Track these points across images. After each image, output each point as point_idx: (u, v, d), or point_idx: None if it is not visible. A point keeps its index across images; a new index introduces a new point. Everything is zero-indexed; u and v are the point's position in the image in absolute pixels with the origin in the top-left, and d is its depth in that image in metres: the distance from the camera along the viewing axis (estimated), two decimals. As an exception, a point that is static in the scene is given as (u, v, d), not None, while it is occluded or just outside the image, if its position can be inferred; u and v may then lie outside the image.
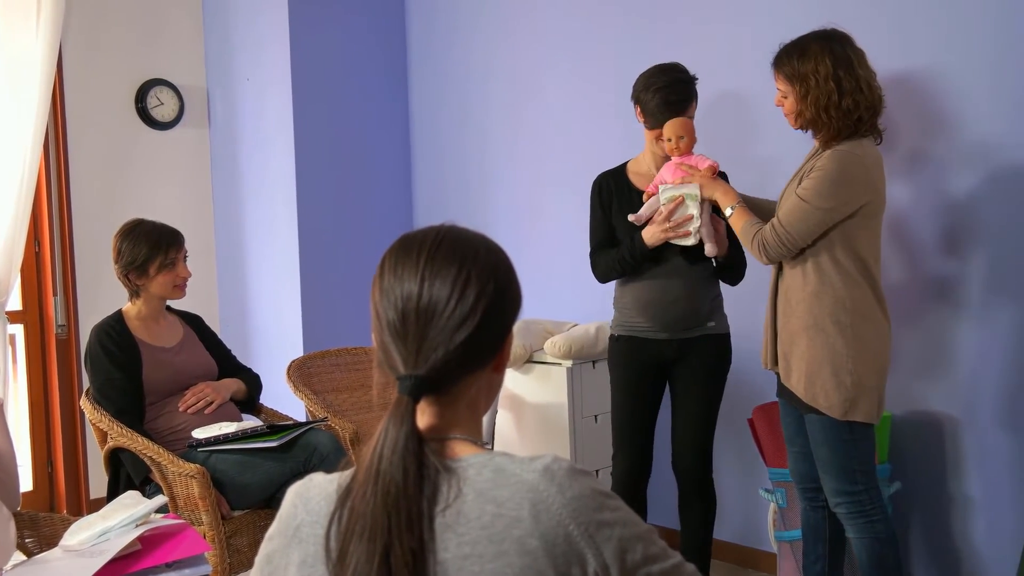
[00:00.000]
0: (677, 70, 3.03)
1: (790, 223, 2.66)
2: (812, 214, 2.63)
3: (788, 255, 2.71)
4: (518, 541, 1.10)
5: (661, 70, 3.03)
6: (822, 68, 2.62)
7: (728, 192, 2.89)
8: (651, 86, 3.01)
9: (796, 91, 2.68)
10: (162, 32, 4.86)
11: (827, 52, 2.63)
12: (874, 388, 2.68)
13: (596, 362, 3.90)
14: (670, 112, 2.97)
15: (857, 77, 2.62)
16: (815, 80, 2.63)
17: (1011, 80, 3.03)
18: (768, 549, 3.68)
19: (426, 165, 4.99)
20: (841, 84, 2.61)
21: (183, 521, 2.33)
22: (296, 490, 1.25)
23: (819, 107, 2.64)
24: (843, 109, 2.62)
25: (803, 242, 2.67)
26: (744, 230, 2.80)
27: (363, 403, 4.10)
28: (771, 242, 2.70)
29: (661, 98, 2.98)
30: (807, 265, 2.70)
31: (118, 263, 3.25)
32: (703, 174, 2.92)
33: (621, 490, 3.15)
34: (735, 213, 2.84)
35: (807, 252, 2.70)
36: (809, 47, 2.66)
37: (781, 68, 2.73)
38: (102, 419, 3.12)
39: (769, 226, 2.72)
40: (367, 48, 4.87)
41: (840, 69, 2.61)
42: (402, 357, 1.18)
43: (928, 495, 3.32)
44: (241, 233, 4.93)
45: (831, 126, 2.65)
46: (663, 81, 2.99)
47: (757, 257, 2.77)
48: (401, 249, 1.23)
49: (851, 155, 2.63)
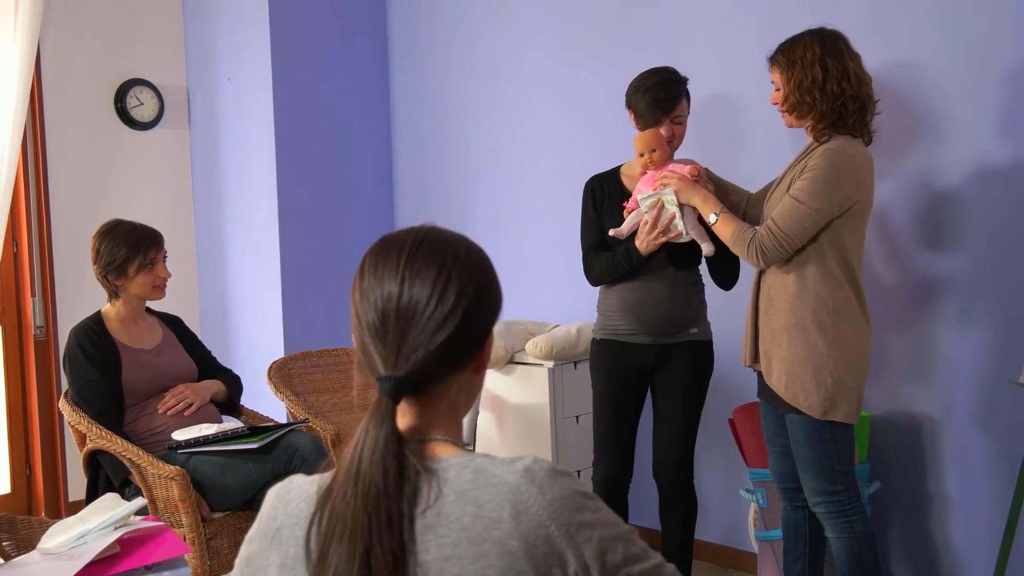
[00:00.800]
0: (667, 71, 3.05)
1: (786, 225, 2.65)
2: (809, 215, 2.63)
3: (785, 257, 2.69)
4: (498, 542, 1.10)
5: (651, 72, 3.05)
6: (809, 53, 2.65)
7: (707, 199, 2.86)
8: (640, 87, 3.02)
9: (784, 77, 2.71)
10: (142, 31, 4.84)
11: (817, 40, 2.66)
12: (854, 389, 2.69)
13: (577, 363, 3.90)
14: (659, 110, 2.98)
15: (845, 67, 2.64)
16: (801, 64, 2.66)
17: (996, 81, 3.05)
18: (749, 549, 3.69)
19: (407, 166, 4.98)
20: (827, 68, 2.63)
21: (163, 523, 2.31)
22: (276, 492, 1.24)
23: (803, 89, 2.65)
24: (827, 92, 2.63)
25: (800, 243, 2.67)
26: (736, 236, 2.77)
27: (344, 404, 4.09)
28: (769, 246, 2.68)
29: (650, 97, 2.99)
30: (791, 264, 2.71)
31: (97, 264, 3.23)
32: (679, 179, 2.91)
33: (601, 496, 3.13)
34: (720, 220, 2.82)
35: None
36: (801, 37, 2.70)
37: (775, 61, 2.75)
38: (81, 421, 3.11)
39: (764, 229, 2.70)
40: (348, 48, 4.87)
41: (828, 56, 2.64)
42: (382, 358, 1.18)
43: (907, 495, 3.34)
44: (222, 234, 4.90)
45: (816, 109, 2.66)
46: (652, 82, 3.01)
47: (753, 263, 2.76)
48: (381, 250, 1.23)
49: (843, 154, 2.64)
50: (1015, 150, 3.03)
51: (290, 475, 1.26)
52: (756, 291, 2.84)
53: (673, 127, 3.02)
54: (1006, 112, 3.04)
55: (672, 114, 3.00)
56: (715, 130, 3.72)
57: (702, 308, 3.14)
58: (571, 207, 3.36)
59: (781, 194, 2.74)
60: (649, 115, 3.00)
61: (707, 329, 3.15)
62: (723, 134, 3.72)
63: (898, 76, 3.21)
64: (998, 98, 3.05)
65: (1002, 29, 3.03)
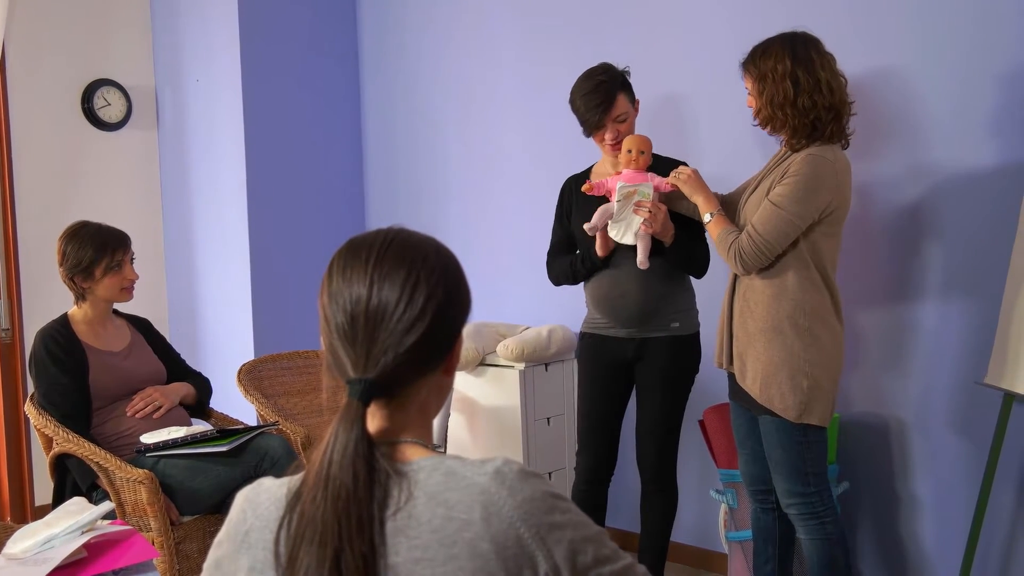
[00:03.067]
0: (600, 72, 3.04)
1: (767, 231, 2.66)
2: (789, 221, 2.64)
3: (765, 263, 2.70)
4: (469, 544, 1.10)
5: (584, 76, 3.06)
6: (780, 66, 2.64)
7: (709, 199, 2.86)
8: (578, 93, 3.04)
9: (755, 88, 2.71)
10: (109, 31, 4.79)
11: (788, 51, 2.65)
12: (828, 392, 2.71)
13: (548, 365, 3.91)
14: (596, 114, 2.99)
15: (817, 78, 2.63)
16: (772, 77, 2.65)
17: (975, 85, 3.07)
18: (720, 550, 3.71)
19: (378, 167, 4.97)
20: (798, 82, 2.62)
21: (131, 527, 2.29)
22: (245, 495, 1.24)
23: (774, 104, 2.66)
24: (799, 107, 2.63)
25: (780, 249, 2.67)
26: (721, 238, 2.79)
27: (315, 407, 4.07)
28: (748, 251, 2.68)
29: (586, 103, 3.00)
30: (769, 268, 2.72)
31: (63, 266, 3.19)
32: (689, 175, 2.90)
33: (582, 487, 3.17)
34: (714, 220, 2.83)
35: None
36: (772, 46, 2.69)
37: (747, 68, 2.75)
38: (47, 424, 3.07)
39: (745, 235, 2.70)
40: (319, 49, 4.85)
41: (799, 68, 2.63)
42: (351, 361, 1.18)
43: (876, 495, 3.37)
44: (191, 235, 4.87)
45: (788, 123, 2.66)
46: (587, 87, 3.02)
47: (732, 266, 2.77)
48: (349, 252, 1.22)
49: (823, 160, 2.65)
50: (992, 156, 3.05)
51: (260, 478, 1.26)
52: (731, 293, 2.85)
53: (617, 126, 3.02)
54: (984, 116, 3.06)
55: (612, 115, 3.00)
56: (669, 128, 3.73)
57: (683, 301, 3.13)
58: (542, 209, 3.38)
59: (760, 199, 2.74)
60: (590, 120, 3.02)
61: (691, 323, 3.14)
62: (694, 131, 3.73)
63: (877, 79, 3.23)
64: (977, 102, 3.07)
65: (983, 34, 3.05)
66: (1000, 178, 3.02)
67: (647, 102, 3.30)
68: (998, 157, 3.03)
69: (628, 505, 3.81)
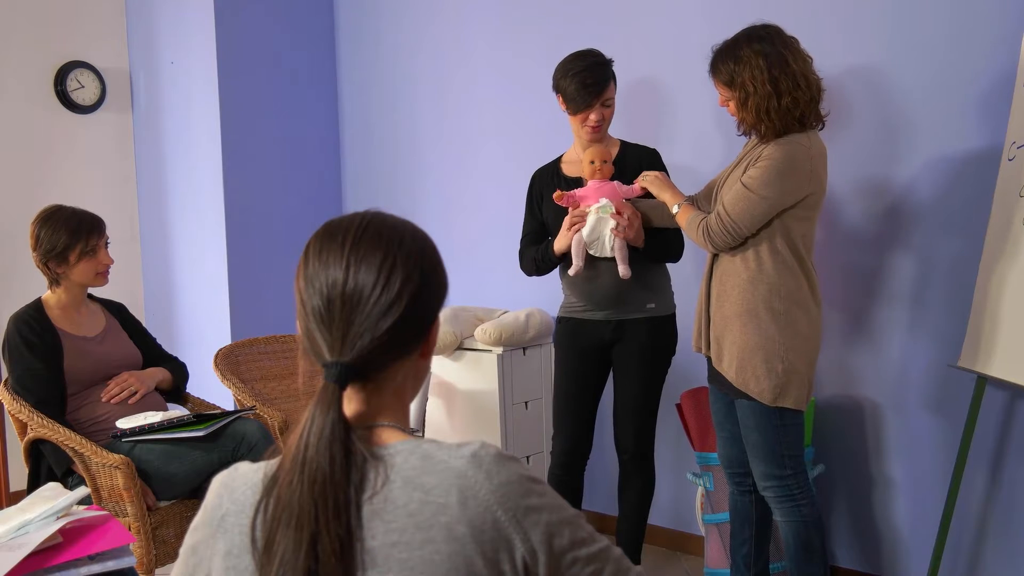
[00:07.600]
0: (592, 55, 3.08)
1: (735, 212, 2.68)
2: (758, 203, 2.66)
3: (733, 243, 2.72)
4: (445, 527, 1.10)
5: (576, 56, 3.08)
6: (758, 73, 2.63)
7: (676, 193, 2.93)
8: (568, 72, 3.04)
9: (736, 97, 2.70)
10: (82, 12, 4.74)
11: (760, 55, 2.63)
12: (804, 375, 2.73)
13: (526, 349, 3.92)
14: (589, 94, 3.01)
15: (793, 74, 2.63)
16: (752, 87, 2.64)
17: (951, 82, 3.09)
18: (697, 532, 3.73)
19: (355, 151, 4.95)
20: (778, 85, 2.62)
21: (106, 513, 2.28)
22: (221, 479, 1.23)
23: (759, 112, 2.66)
24: (783, 109, 2.64)
25: (748, 231, 2.69)
26: (690, 222, 2.83)
27: (292, 391, 4.06)
28: (716, 230, 2.72)
29: (579, 82, 3.01)
30: (745, 252, 2.73)
31: (36, 251, 3.16)
32: (655, 175, 2.97)
33: (558, 470, 3.18)
34: (681, 209, 2.88)
35: (747, 239, 2.73)
36: (742, 52, 2.66)
37: (718, 75, 2.74)
38: (21, 410, 3.05)
39: (714, 215, 2.73)
40: (295, 30, 4.81)
41: (775, 70, 2.62)
42: (327, 344, 1.17)
43: (851, 478, 3.40)
44: (166, 219, 4.84)
45: (775, 127, 2.67)
46: (580, 66, 3.03)
47: (702, 245, 2.79)
48: (325, 236, 1.22)
49: (798, 145, 2.66)
50: (967, 144, 3.07)
51: (236, 463, 1.25)
52: (708, 278, 2.87)
53: (603, 110, 3.05)
54: (959, 106, 3.08)
55: (602, 97, 3.03)
56: (648, 113, 3.74)
57: (658, 283, 3.15)
58: (518, 194, 3.37)
59: (734, 181, 2.75)
60: (580, 99, 3.03)
61: (667, 303, 3.17)
62: (670, 116, 3.74)
63: (855, 76, 3.24)
64: (952, 99, 3.09)
65: (958, 27, 3.07)
66: (975, 165, 3.05)
67: (622, 87, 3.31)
68: (973, 145, 3.06)
69: (604, 488, 3.83)
